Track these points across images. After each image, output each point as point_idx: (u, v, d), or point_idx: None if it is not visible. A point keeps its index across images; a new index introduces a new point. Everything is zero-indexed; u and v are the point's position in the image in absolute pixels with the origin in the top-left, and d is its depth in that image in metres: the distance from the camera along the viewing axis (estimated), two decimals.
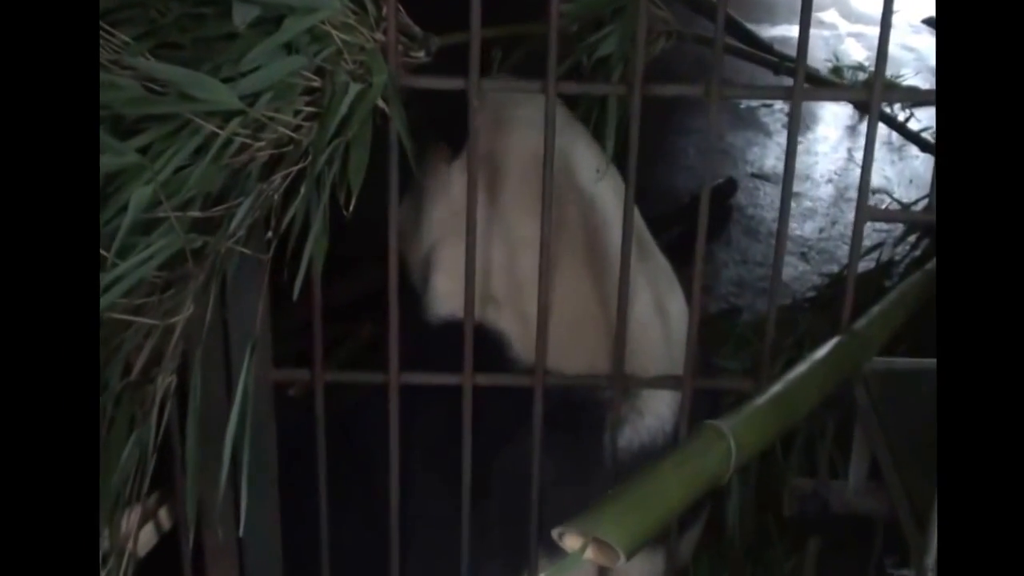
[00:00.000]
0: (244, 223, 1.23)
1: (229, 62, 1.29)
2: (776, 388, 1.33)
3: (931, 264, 1.81)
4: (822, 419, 1.88)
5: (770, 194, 3.72)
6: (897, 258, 2.96)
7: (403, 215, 1.79)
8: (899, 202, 3.59)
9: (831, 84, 2.90)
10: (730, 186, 3.64)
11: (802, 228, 3.60)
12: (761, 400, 1.29)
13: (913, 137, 3.44)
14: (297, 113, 1.32)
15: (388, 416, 1.55)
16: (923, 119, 3.51)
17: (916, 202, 3.18)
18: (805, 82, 1.44)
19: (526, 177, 1.75)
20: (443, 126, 1.75)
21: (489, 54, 1.76)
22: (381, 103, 1.40)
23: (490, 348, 1.63)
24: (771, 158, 3.89)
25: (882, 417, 1.60)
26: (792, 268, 3.43)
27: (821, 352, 1.52)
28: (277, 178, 1.27)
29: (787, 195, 1.55)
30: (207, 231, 1.25)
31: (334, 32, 1.34)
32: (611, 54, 1.74)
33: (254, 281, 1.44)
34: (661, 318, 1.73)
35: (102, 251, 1.12)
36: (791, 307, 2.97)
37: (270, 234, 1.29)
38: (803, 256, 3.50)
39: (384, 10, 1.41)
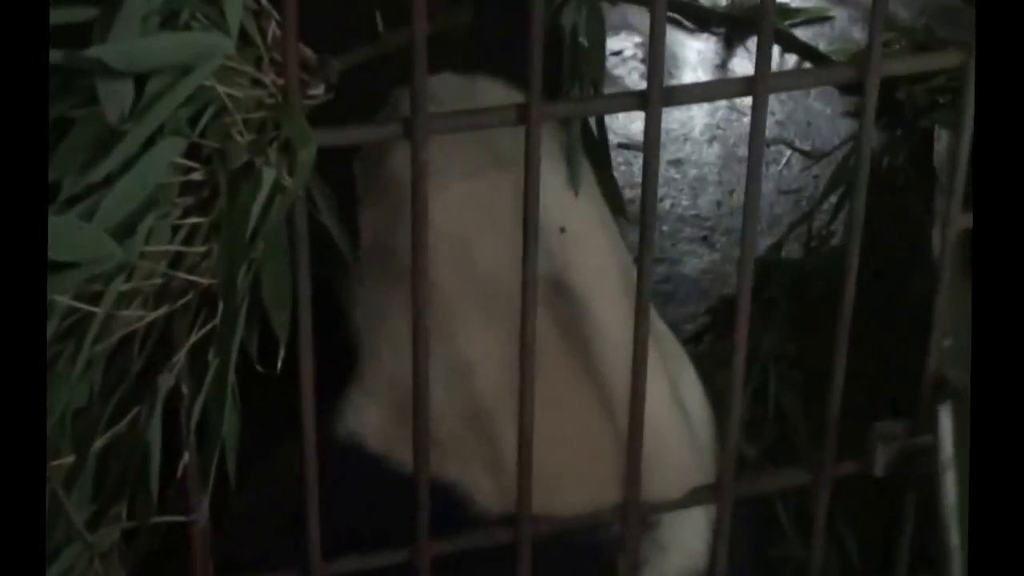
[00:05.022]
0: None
1: (71, 167, 0.99)
2: None
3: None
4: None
5: None
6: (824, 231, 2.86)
7: None
8: (803, 152, 3.51)
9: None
10: None
11: (695, 204, 3.47)
12: None
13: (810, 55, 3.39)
14: (176, 230, 1.03)
15: None
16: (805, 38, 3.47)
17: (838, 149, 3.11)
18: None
19: (446, 264, 1.54)
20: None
21: None
22: None
23: (439, 509, 1.45)
24: (637, 122, 3.73)
25: None
26: (696, 258, 3.30)
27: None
28: (178, 360, 1.00)
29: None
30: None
31: (217, 87, 1.06)
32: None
33: None
34: (680, 415, 1.60)
35: None
36: (717, 312, 2.84)
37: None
38: (705, 240, 3.37)
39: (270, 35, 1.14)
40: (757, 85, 1.26)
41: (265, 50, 1.17)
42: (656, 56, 1.20)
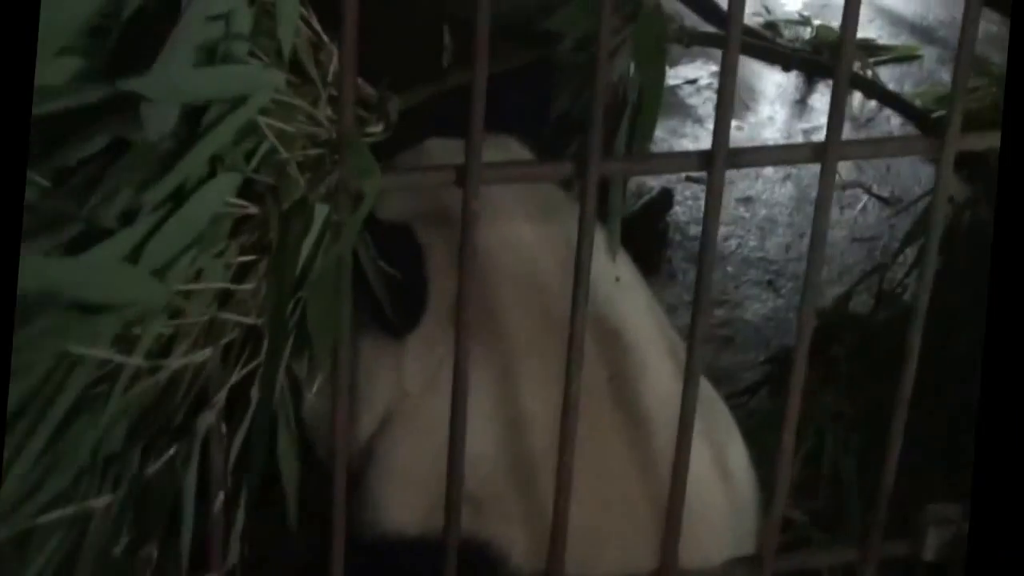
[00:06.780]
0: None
1: (122, 186, 1.03)
2: None
3: None
4: None
5: None
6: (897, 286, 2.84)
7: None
8: (880, 198, 3.49)
9: None
10: (664, 199, 3.48)
11: (762, 245, 3.47)
12: None
13: (894, 103, 3.36)
14: (227, 268, 1.07)
15: None
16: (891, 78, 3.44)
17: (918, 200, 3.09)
18: None
19: (516, 308, 1.57)
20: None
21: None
22: None
23: (475, 566, 1.48)
24: None
25: None
26: (759, 303, 3.29)
27: None
28: (218, 400, 1.04)
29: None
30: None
31: (265, 120, 1.09)
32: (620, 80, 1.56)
33: None
34: (723, 481, 1.62)
35: None
36: (777, 362, 2.82)
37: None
38: (771, 285, 3.37)
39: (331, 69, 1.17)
40: (827, 152, 1.27)
41: (323, 86, 1.20)
42: (723, 116, 1.22)
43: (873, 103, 3.67)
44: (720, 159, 1.23)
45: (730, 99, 1.20)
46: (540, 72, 1.57)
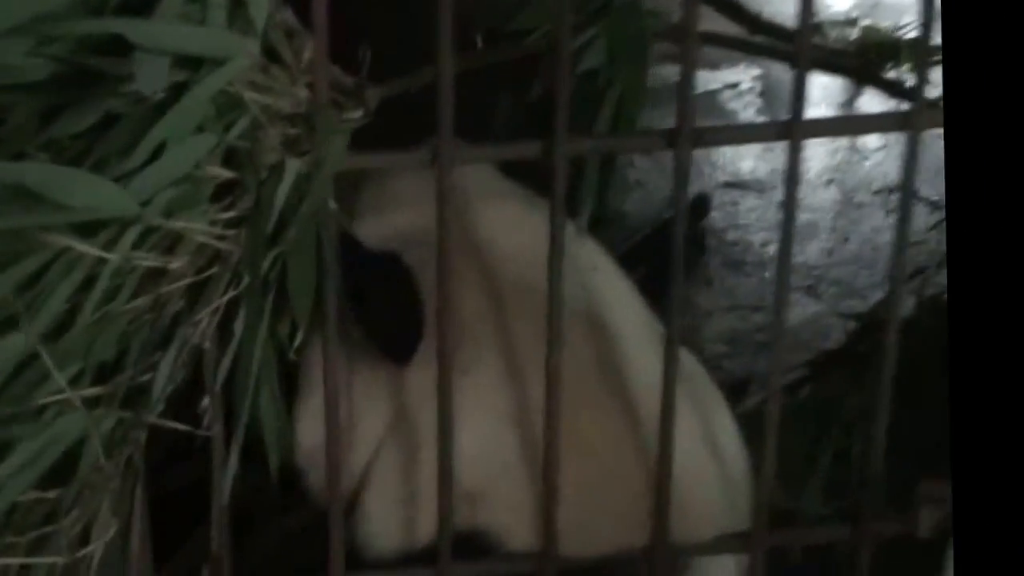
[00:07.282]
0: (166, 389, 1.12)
1: (111, 156, 1.15)
2: None
3: None
4: None
5: (755, 208, 3.62)
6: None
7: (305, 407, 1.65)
8: (929, 201, 3.51)
9: None
10: (701, 204, 3.51)
11: (804, 251, 3.50)
12: None
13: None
14: (214, 223, 1.17)
15: None
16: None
17: None
18: None
19: (511, 312, 1.63)
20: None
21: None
22: None
23: (471, 552, 1.54)
24: (748, 158, 3.78)
25: None
26: (799, 307, 3.33)
27: None
28: (203, 316, 1.13)
29: None
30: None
31: (247, 94, 1.19)
32: (598, 68, 1.61)
33: None
34: (713, 456, 1.65)
35: None
36: (812, 366, 2.85)
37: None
38: (811, 290, 3.39)
39: (304, 56, 1.26)
40: (792, 130, 1.33)
41: (299, 71, 1.28)
42: (685, 94, 1.28)
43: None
44: (684, 137, 1.30)
45: (692, 74, 1.27)
46: (478, 80, 1.64)
